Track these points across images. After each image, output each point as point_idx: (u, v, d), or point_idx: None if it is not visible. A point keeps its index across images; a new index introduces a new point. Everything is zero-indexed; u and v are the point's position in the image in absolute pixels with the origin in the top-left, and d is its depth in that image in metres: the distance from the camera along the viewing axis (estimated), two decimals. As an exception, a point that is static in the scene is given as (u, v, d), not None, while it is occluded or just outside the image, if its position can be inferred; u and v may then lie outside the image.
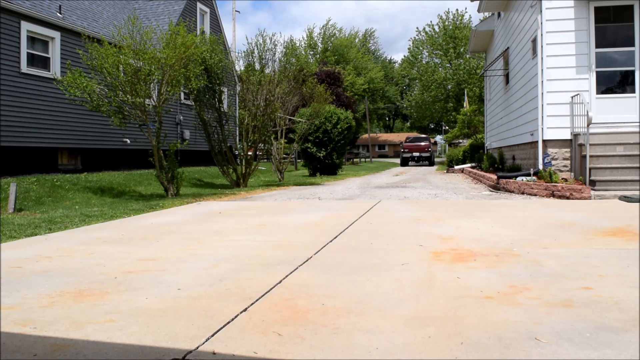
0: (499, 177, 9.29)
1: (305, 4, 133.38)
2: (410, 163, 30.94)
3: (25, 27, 12.33)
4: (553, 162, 8.64)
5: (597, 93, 8.62)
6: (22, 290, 2.68)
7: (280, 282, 2.76)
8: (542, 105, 8.77)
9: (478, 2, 13.87)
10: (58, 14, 13.65)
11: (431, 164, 29.27)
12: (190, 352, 1.81)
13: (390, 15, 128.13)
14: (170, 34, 9.66)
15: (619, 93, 8.67)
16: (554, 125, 8.70)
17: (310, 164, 18.95)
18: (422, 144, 29.56)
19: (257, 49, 12.35)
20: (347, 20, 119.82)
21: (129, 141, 15.54)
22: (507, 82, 12.82)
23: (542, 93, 8.78)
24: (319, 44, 56.23)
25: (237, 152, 14.96)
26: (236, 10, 28.72)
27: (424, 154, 29.09)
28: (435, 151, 61.62)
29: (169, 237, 4.44)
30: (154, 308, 2.33)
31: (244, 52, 12.52)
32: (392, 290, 2.56)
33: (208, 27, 21.22)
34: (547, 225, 4.64)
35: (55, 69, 13.12)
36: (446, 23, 43.25)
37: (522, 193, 8.12)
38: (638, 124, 8.24)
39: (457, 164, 19.78)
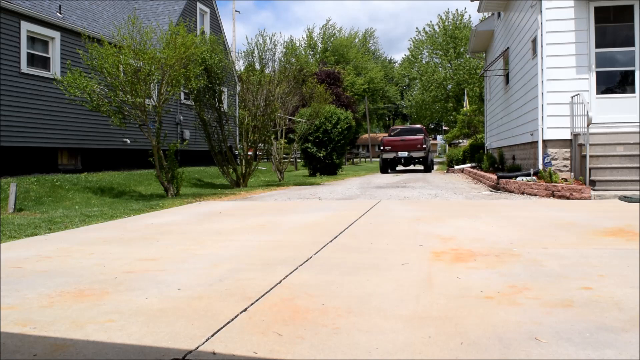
0: (499, 177, 9.29)
1: (309, 3, 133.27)
2: (397, 167, 20.85)
3: (25, 27, 12.33)
4: (553, 162, 8.64)
5: (597, 93, 8.62)
6: (22, 290, 2.68)
7: (281, 282, 2.76)
8: (542, 105, 8.77)
9: (478, 2, 13.86)
10: (58, 14, 13.65)
11: (427, 168, 19.50)
12: (190, 352, 1.81)
13: (394, 15, 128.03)
14: (170, 34, 9.66)
15: (619, 93, 8.67)
16: (554, 125, 8.70)
17: (310, 164, 18.95)
18: (414, 137, 18.81)
19: (257, 48, 12.36)
20: (350, 20, 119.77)
21: (129, 141, 15.54)
22: (507, 82, 12.82)
23: (542, 93, 8.78)
24: (319, 44, 56.26)
25: (237, 152, 14.97)
26: (236, 10, 28.75)
27: (415, 154, 18.42)
28: (435, 151, 59.49)
29: (169, 237, 4.44)
30: (154, 308, 2.33)
31: (244, 52, 12.54)
32: (392, 290, 2.56)
33: (208, 27, 21.22)
34: (547, 225, 4.64)
35: (55, 69, 13.12)
36: (446, 23, 43.27)
37: (522, 193, 8.12)
38: (638, 124, 8.24)
39: (457, 164, 19.76)
